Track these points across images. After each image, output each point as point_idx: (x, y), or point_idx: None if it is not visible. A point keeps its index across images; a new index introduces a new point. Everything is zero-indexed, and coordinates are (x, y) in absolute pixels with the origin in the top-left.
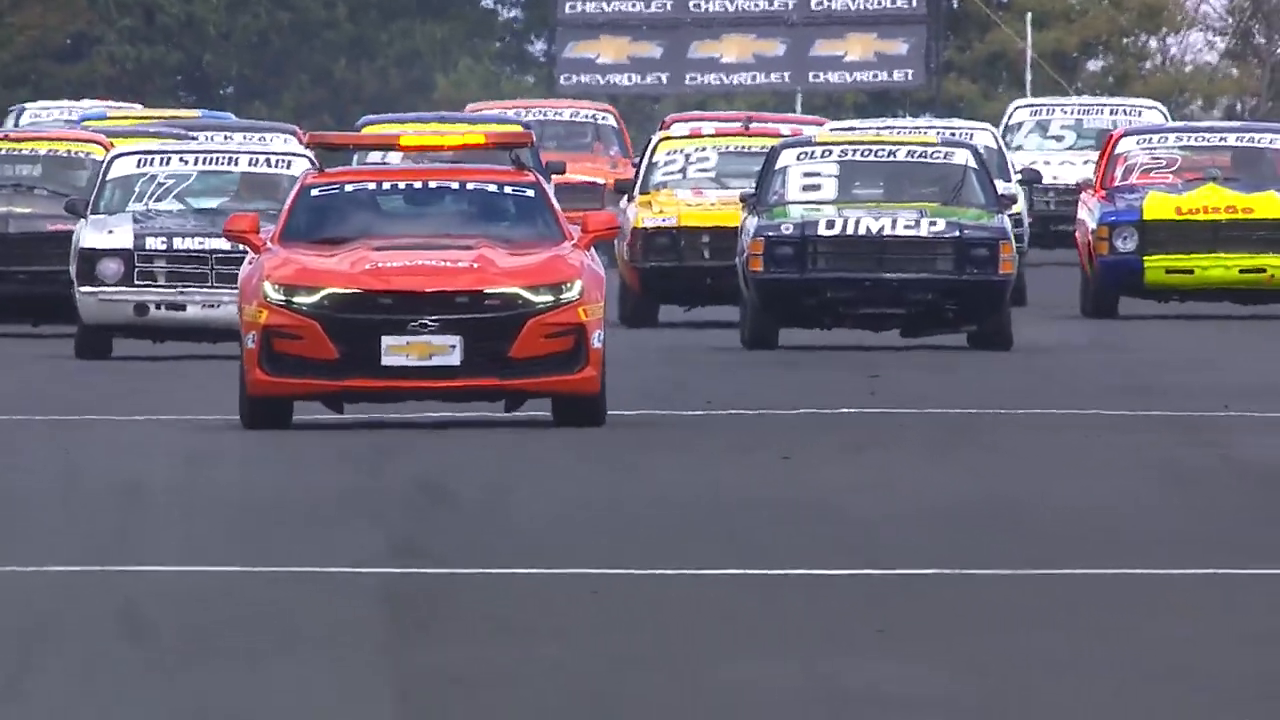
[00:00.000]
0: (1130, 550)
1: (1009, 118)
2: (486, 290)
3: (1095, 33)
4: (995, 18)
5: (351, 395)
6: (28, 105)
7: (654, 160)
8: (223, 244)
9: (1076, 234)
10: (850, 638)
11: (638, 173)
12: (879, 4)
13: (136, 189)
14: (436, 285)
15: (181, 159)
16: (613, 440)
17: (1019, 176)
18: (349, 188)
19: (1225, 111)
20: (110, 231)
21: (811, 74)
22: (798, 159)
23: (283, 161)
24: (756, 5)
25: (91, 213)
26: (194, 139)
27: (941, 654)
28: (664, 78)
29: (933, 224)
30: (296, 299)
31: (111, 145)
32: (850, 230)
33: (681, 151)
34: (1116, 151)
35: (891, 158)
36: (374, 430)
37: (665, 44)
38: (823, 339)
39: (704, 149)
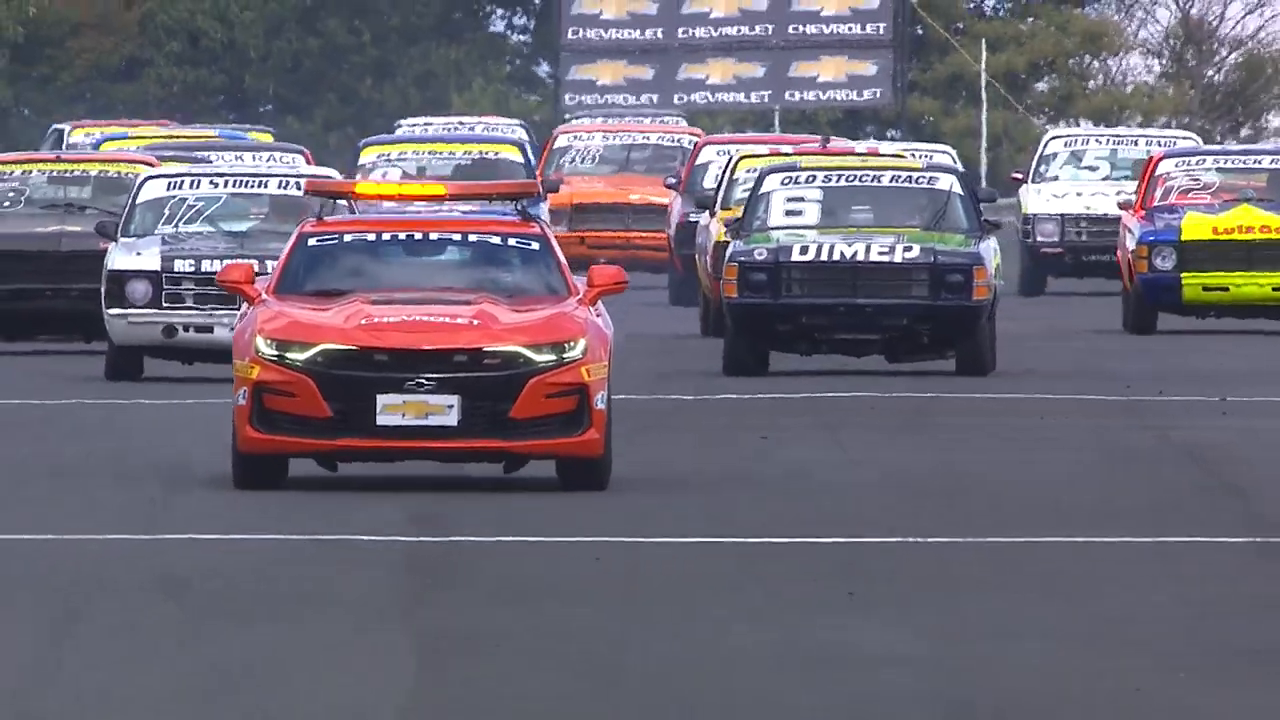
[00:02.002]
0: (1080, 520)
1: (1043, 148)
2: (486, 348)
3: (1043, 55)
4: (954, 42)
5: (345, 455)
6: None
7: (734, 178)
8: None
9: (1118, 253)
10: (823, 601)
11: (719, 189)
12: (850, 30)
13: (166, 211)
14: (434, 343)
15: (211, 182)
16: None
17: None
18: (348, 238)
19: (1162, 129)
20: (139, 254)
21: (788, 93)
22: (782, 184)
23: None
24: (738, 31)
25: (122, 235)
26: (209, 161)
27: (907, 616)
28: (655, 97)
29: (907, 250)
30: (289, 354)
31: (158, 166)
32: (824, 256)
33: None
34: (1156, 173)
35: (875, 183)
36: None
37: (657, 67)
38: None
39: None
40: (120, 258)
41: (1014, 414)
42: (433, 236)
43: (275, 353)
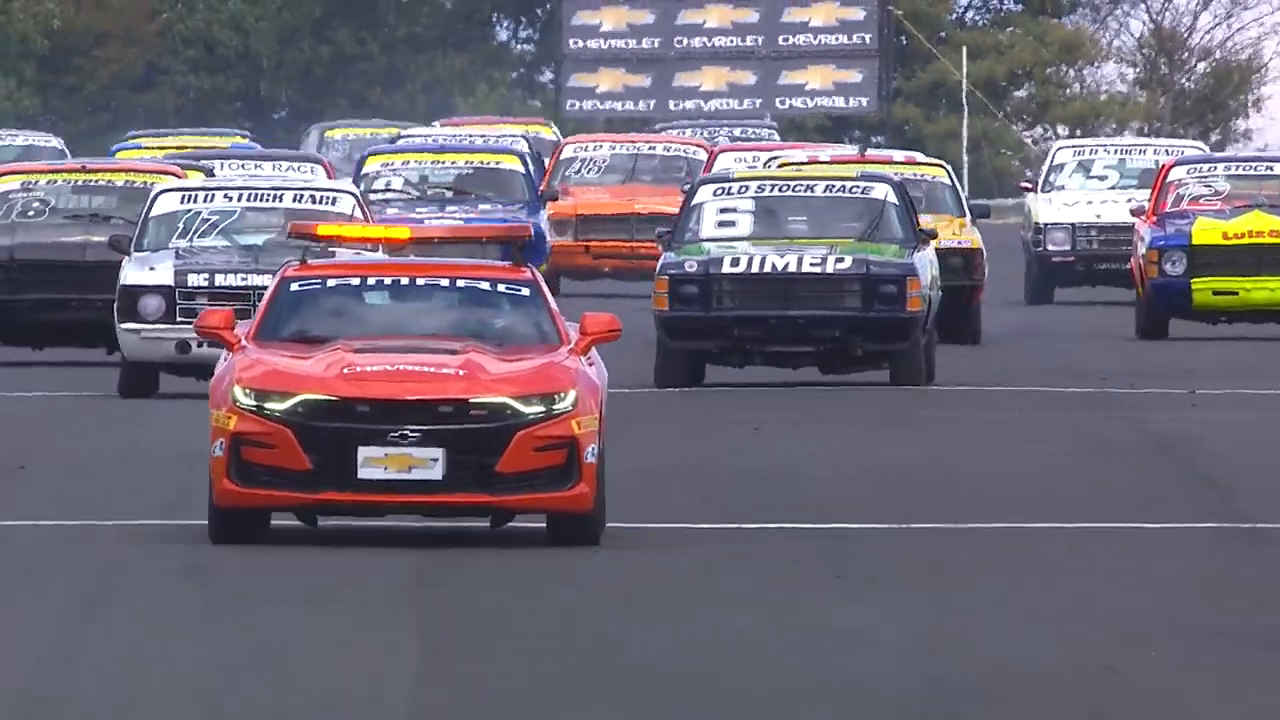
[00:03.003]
0: (1054, 507)
1: (1052, 159)
2: (472, 399)
3: (1021, 64)
4: (936, 51)
5: (326, 509)
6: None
7: None
8: (266, 281)
9: (1132, 259)
10: (812, 584)
11: None
12: (837, 40)
13: (180, 225)
14: (418, 393)
15: (226, 195)
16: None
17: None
18: (331, 282)
19: (1135, 134)
20: (152, 268)
21: (778, 100)
22: (714, 195)
23: (328, 198)
24: (731, 41)
25: (135, 249)
26: (211, 173)
27: (891, 598)
28: (652, 104)
29: (839, 261)
30: (268, 405)
31: (185, 176)
32: (755, 268)
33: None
34: (1168, 180)
35: (809, 193)
36: None
37: (654, 75)
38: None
39: None
40: (133, 272)
41: (989, 404)
42: (419, 282)
43: (253, 403)
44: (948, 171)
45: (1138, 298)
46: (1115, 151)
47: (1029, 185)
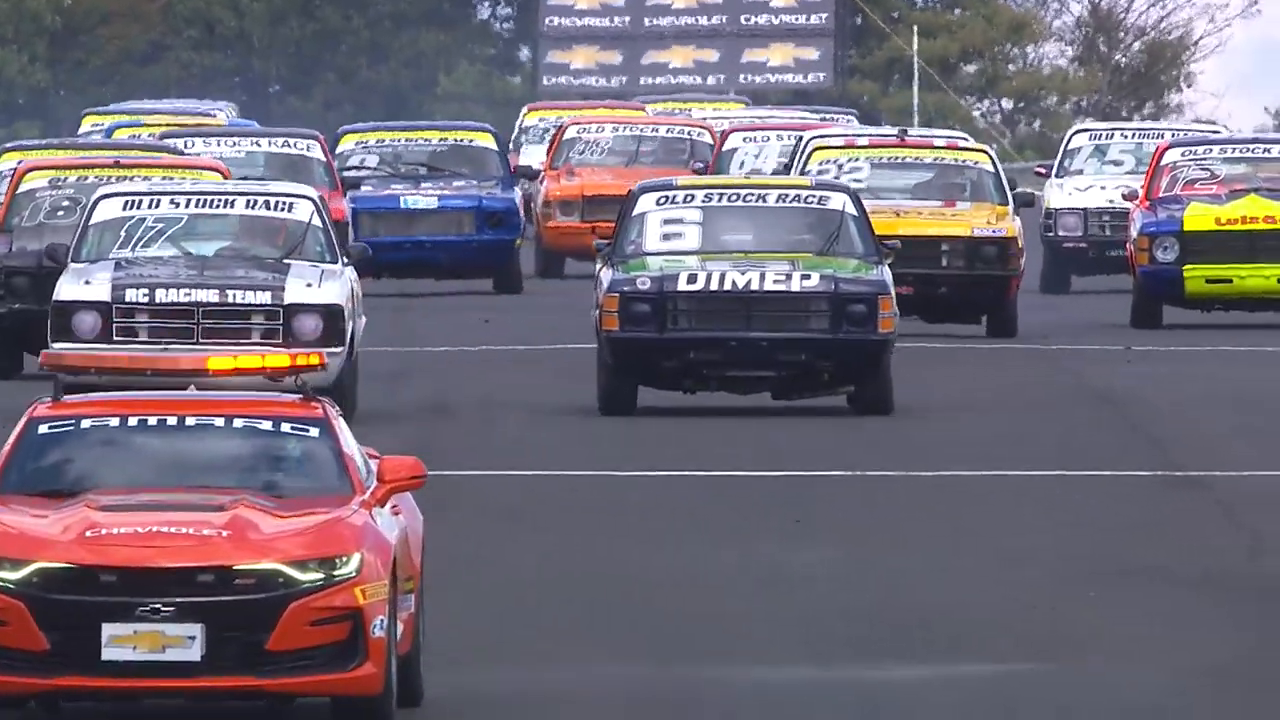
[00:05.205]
0: (998, 456)
1: (1067, 142)
2: (237, 566)
3: (971, 43)
4: (889, 30)
5: (67, 695)
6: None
7: (806, 170)
8: (211, 296)
9: (1127, 245)
10: (772, 527)
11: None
12: (796, 20)
13: (123, 234)
14: (172, 559)
15: (172, 201)
16: (588, 369)
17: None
18: (85, 423)
19: (1073, 108)
20: (87, 282)
21: (741, 76)
22: (657, 204)
23: (283, 204)
24: (697, 21)
25: (72, 260)
26: (180, 151)
27: (845, 539)
28: (623, 80)
29: (805, 277)
30: None
31: (229, 174)
32: (713, 285)
33: (834, 161)
34: (1162, 163)
35: (761, 203)
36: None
37: (625, 52)
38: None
39: (857, 159)
40: (68, 286)
41: (936, 361)
42: (189, 421)
43: None
44: (991, 158)
45: (1133, 285)
46: (1132, 136)
47: (1044, 170)
